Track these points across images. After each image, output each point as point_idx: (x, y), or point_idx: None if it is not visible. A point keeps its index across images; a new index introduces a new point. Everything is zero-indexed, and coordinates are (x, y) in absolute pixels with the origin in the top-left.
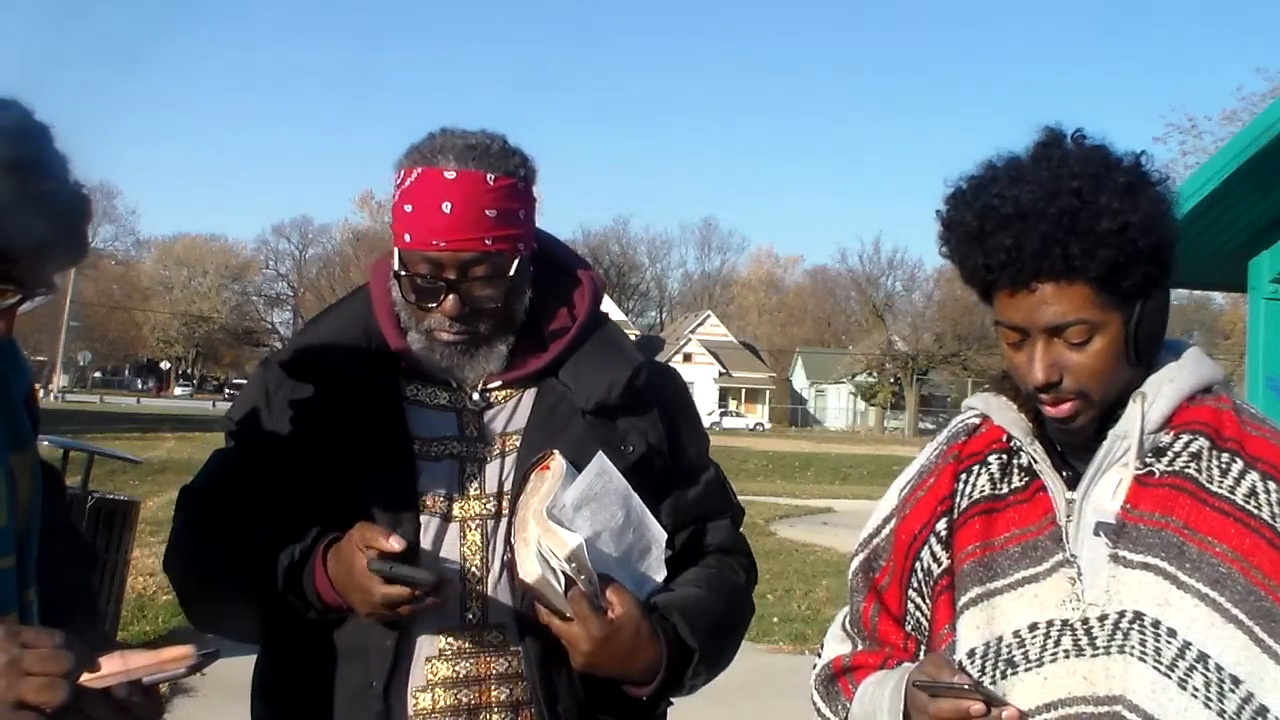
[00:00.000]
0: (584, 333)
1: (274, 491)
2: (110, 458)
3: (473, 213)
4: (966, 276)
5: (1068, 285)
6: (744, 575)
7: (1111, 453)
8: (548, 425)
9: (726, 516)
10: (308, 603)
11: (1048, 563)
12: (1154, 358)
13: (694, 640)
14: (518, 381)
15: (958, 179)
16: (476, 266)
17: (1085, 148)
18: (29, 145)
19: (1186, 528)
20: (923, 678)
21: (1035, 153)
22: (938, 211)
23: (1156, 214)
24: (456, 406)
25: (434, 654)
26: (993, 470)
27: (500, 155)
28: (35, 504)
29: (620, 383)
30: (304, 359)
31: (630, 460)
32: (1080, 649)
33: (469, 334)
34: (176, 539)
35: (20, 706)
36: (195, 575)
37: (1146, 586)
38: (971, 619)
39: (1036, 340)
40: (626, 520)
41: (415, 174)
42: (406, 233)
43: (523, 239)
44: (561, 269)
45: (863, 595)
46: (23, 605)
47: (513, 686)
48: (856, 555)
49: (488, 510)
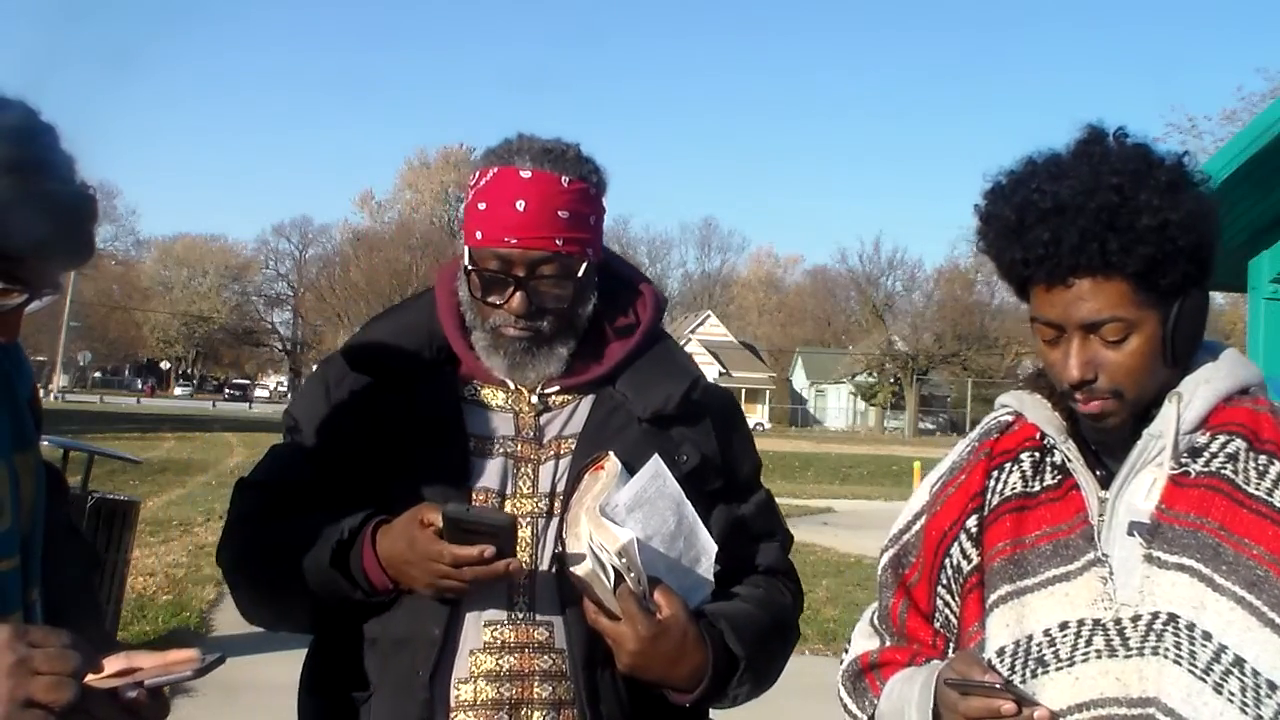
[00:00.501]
0: (644, 344)
1: (329, 485)
2: (110, 458)
3: (546, 213)
4: (1003, 271)
5: (1105, 281)
6: (791, 598)
7: (1146, 452)
8: (604, 430)
9: (776, 539)
10: (354, 583)
11: (1079, 561)
12: (1191, 358)
13: (741, 649)
14: (576, 388)
15: (996, 174)
16: (545, 265)
17: (1127, 146)
18: (33, 145)
19: (1223, 529)
20: (953, 675)
21: (1076, 149)
22: (976, 206)
23: (1198, 213)
24: (514, 408)
25: (478, 646)
26: (1025, 468)
27: (575, 160)
28: (39, 504)
29: (677, 394)
30: (366, 354)
31: (684, 470)
32: (1113, 649)
33: (533, 331)
34: (230, 530)
35: (29, 705)
36: (247, 566)
37: (1181, 588)
38: (1001, 617)
39: (1072, 337)
40: (678, 527)
41: (491, 173)
42: (479, 229)
43: (591, 244)
44: (624, 282)
45: (891, 591)
46: (26, 605)
47: (555, 685)
48: (886, 551)
49: (539, 509)
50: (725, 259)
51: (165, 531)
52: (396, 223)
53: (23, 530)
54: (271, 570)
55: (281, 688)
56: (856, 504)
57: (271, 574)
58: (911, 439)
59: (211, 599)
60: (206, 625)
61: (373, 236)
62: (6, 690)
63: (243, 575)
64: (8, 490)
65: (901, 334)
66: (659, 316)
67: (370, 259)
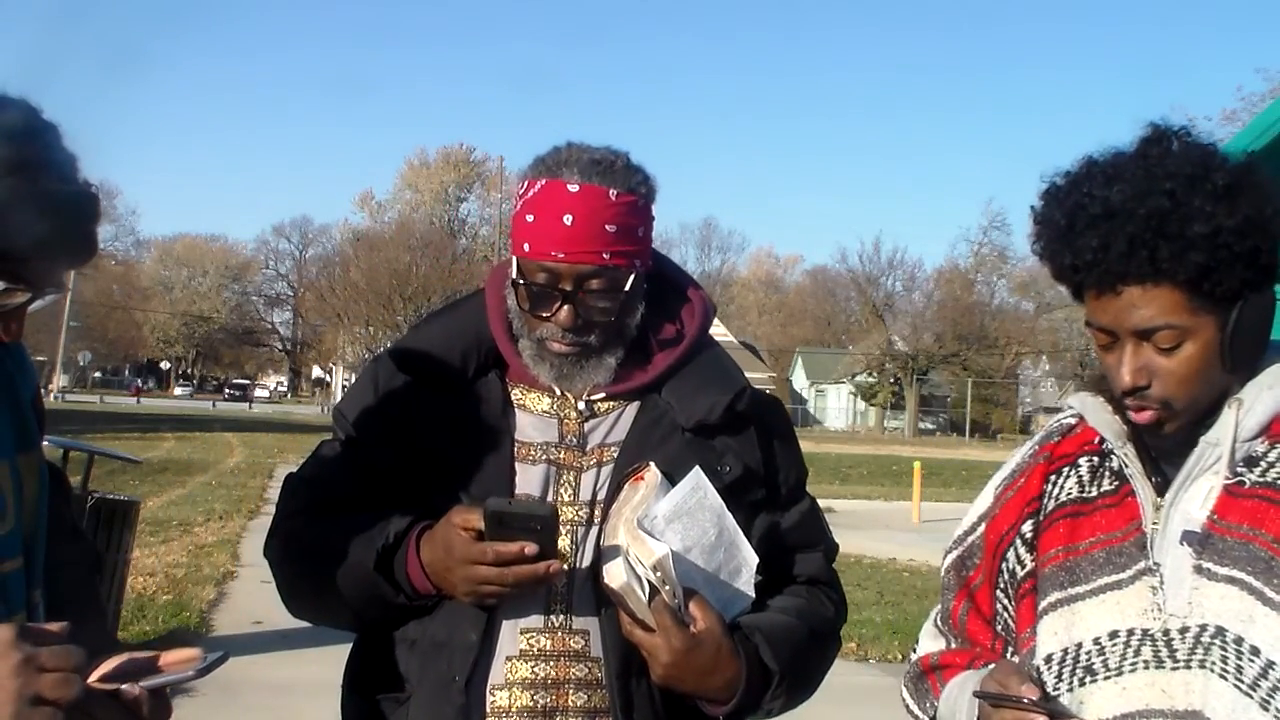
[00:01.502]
0: (691, 352)
1: (375, 483)
2: (110, 458)
3: (593, 227)
4: (1056, 275)
5: (1154, 288)
6: (833, 608)
7: (1203, 460)
8: (647, 439)
9: (819, 549)
10: (398, 587)
11: (1131, 570)
12: (1256, 361)
13: (775, 663)
14: (621, 395)
15: (1054, 174)
16: (593, 280)
17: (1188, 147)
18: (36, 144)
19: (1276, 542)
20: (992, 686)
21: (1136, 150)
22: (1031, 208)
23: (1256, 218)
24: (559, 414)
25: (514, 653)
26: (1082, 473)
27: (624, 172)
28: (41, 505)
29: (722, 404)
30: (415, 355)
31: (726, 481)
32: (1160, 661)
33: (580, 345)
34: (277, 526)
35: (38, 702)
36: (293, 562)
37: (1230, 601)
38: (1051, 624)
39: (1125, 343)
40: (719, 539)
41: (539, 185)
42: (526, 242)
43: (640, 255)
44: (673, 287)
45: (953, 593)
46: (30, 606)
47: (590, 694)
48: (950, 552)
49: (580, 517)
50: (725, 259)
51: (165, 531)
52: (396, 223)
53: (26, 531)
54: (316, 569)
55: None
56: (856, 504)
57: (316, 573)
58: (911, 439)
59: (211, 599)
60: (206, 625)
61: (373, 236)
62: (15, 688)
63: (287, 572)
64: (11, 491)
65: (901, 334)
66: (707, 324)
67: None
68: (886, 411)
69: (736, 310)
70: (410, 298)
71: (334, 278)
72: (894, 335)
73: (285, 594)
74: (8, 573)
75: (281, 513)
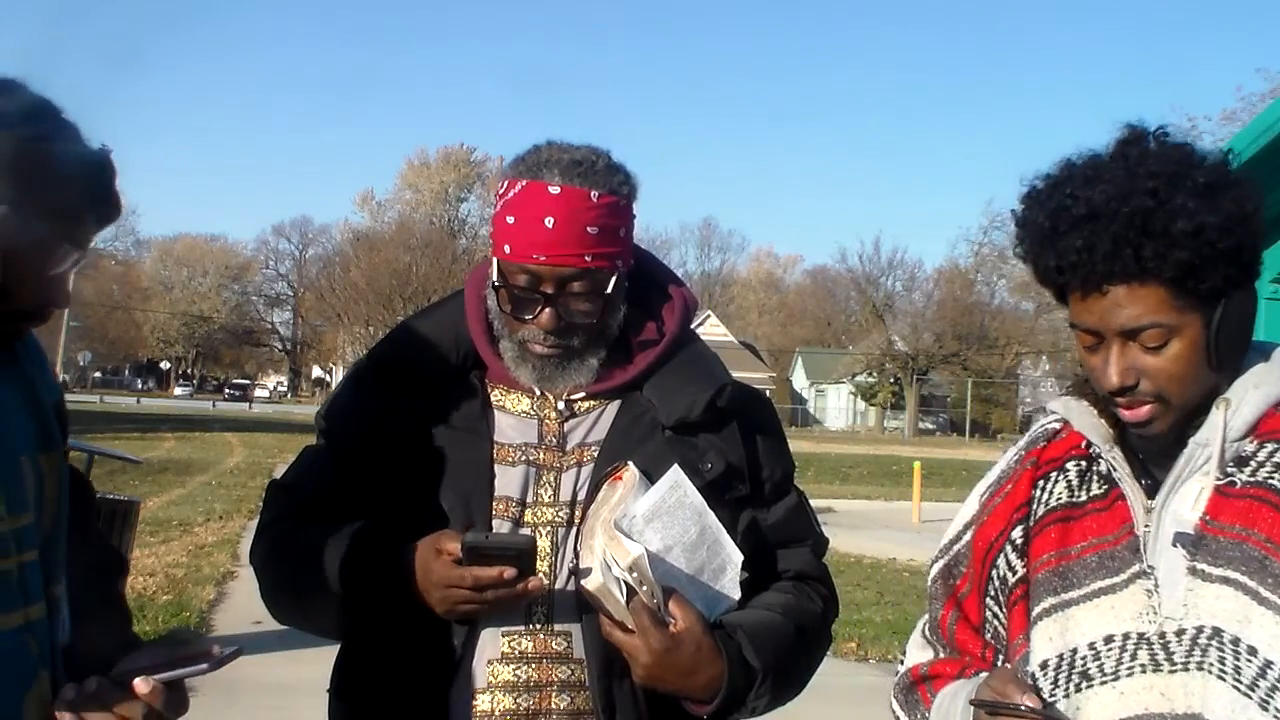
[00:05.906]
0: (671, 349)
1: (357, 487)
2: (110, 458)
3: (574, 229)
4: (1040, 277)
5: (1140, 287)
6: (821, 603)
7: (1192, 461)
8: (627, 438)
9: (807, 544)
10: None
11: (1124, 573)
12: (1240, 360)
13: (758, 661)
14: (602, 394)
15: (1033, 178)
16: (575, 282)
17: (1167, 146)
18: (48, 115)
19: (1269, 541)
20: (989, 693)
21: (1115, 151)
22: (1012, 211)
23: (1238, 215)
24: (539, 415)
25: (496, 656)
26: (1071, 477)
27: (605, 172)
28: (63, 506)
29: (703, 401)
30: (393, 359)
31: (709, 478)
32: (1158, 664)
33: (563, 348)
34: (261, 533)
35: None
36: (277, 568)
37: (1225, 601)
38: (1045, 630)
39: (1111, 343)
40: (700, 537)
41: (519, 186)
42: (507, 244)
43: (621, 256)
44: (654, 283)
45: (941, 602)
46: (50, 600)
47: (574, 695)
48: (936, 561)
49: (559, 518)
50: (725, 259)
51: (165, 531)
52: (396, 223)
53: (45, 528)
54: (299, 577)
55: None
56: (856, 504)
57: (298, 580)
58: (911, 439)
59: (211, 599)
60: (206, 625)
61: (373, 236)
62: None
63: (271, 578)
64: (32, 486)
65: (901, 334)
66: (688, 320)
67: (370, 259)
68: (886, 411)
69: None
70: (410, 298)
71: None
72: (894, 335)
73: (268, 600)
74: (26, 563)
75: (265, 520)
